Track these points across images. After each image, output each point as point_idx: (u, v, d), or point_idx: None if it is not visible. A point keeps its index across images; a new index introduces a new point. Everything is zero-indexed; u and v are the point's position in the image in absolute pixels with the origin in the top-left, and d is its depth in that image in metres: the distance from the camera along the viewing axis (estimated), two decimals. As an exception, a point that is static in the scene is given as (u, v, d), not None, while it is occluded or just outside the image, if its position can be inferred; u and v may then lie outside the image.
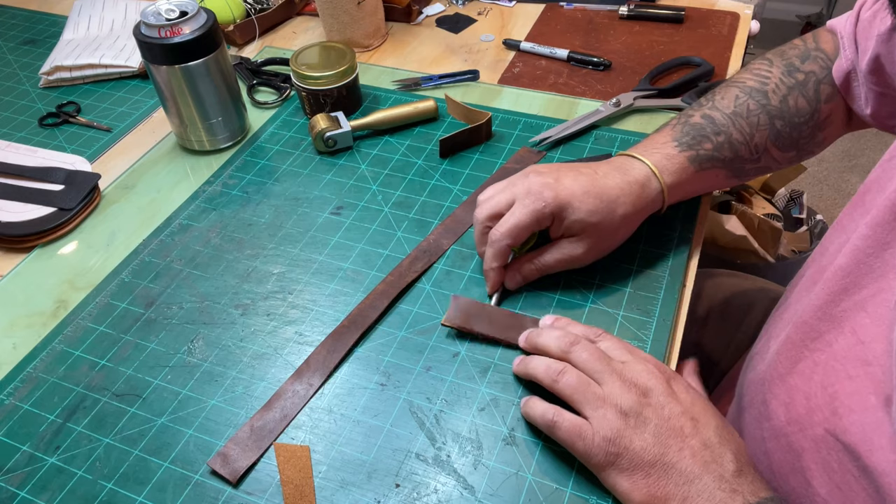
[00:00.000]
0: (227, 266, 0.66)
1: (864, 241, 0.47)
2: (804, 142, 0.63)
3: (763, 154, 0.62)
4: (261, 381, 0.56)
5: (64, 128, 0.85)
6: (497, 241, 0.57)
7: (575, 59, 0.88)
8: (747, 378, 0.58)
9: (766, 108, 0.61)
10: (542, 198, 0.56)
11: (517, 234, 0.57)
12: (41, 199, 0.72)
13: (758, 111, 0.61)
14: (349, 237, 0.68)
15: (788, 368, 0.51)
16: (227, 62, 0.76)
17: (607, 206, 0.57)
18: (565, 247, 0.59)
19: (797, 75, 0.62)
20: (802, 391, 0.49)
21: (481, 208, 0.59)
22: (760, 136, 0.61)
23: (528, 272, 0.60)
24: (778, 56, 0.65)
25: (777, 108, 0.61)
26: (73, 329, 0.61)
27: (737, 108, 0.62)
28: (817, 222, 1.44)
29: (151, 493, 0.50)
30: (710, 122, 0.61)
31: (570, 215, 0.56)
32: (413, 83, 0.86)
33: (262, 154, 0.79)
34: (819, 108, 0.62)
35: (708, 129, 0.61)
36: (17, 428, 0.54)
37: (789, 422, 0.50)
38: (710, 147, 0.61)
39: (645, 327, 0.57)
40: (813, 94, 0.62)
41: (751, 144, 0.61)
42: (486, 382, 0.55)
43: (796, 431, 0.49)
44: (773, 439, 0.51)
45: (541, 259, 0.59)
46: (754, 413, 0.55)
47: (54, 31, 1.03)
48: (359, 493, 0.49)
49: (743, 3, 0.97)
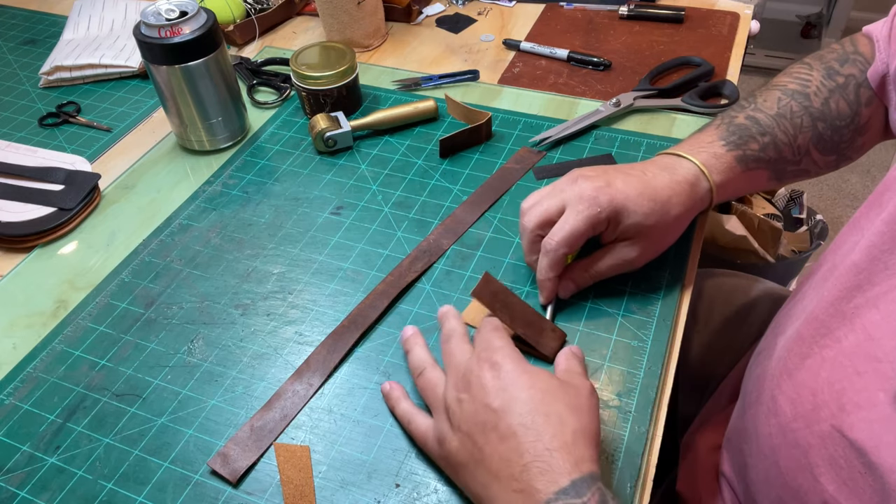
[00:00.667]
0: (227, 266, 0.66)
1: (880, 237, 0.47)
2: (844, 146, 0.62)
3: (804, 156, 0.62)
4: (261, 381, 0.56)
5: (64, 128, 0.85)
6: (553, 250, 0.55)
7: (575, 59, 0.88)
8: (753, 374, 0.58)
9: (809, 109, 0.61)
10: (597, 202, 0.54)
11: (574, 242, 0.55)
12: (41, 199, 0.72)
13: (801, 113, 0.61)
14: (349, 237, 0.68)
15: (796, 364, 0.51)
16: (227, 62, 0.76)
17: (661, 208, 0.56)
18: (620, 251, 0.57)
19: (837, 78, 0.62)
20: (809, 387, 0.49)
21: (529, 216, 0.57)
22: (803, 137, 0.61)
23: (581, 280, 0.58)
24: (817, 60, 0.64)
25: (819, 110, 0.61)
26: (73, 329, 0.61)
27: (780, 110, 0.61)
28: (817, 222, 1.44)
29: (151, 493, 0.50)
30: (755, 122, 0.61)
31: (626, 219, 0.55)
32: (413, 83, 0.86)
33: (262, 154, 0.79)
34: (859, 112, 0.61)
35: (753, 129, 0.61)
36: (17, 428, 0.54)
37: (795, 418, 0.49)
38: (756, 147, 0.60)
39: (645, 327, 0.57)
40: (853, 98, 0.61)
41: (794, 146, 0.61)
42: (486, 382, 0.55)
43: (803, 427, 0.48)
44: (780, 435, 0.51)
45: (595, 266, 0.58)
46: (761, 409, 0.54)
47: (54, 31, 1.03)
48: (359, 493, 0.49)
49: (743, 3, 0.97)
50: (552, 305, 0.58)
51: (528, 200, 0.58)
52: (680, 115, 0.78)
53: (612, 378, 0.54)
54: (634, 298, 0.60)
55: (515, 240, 0.66)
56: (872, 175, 2.08)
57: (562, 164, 0.73)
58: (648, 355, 0.55)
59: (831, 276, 0.51)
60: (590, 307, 0.59)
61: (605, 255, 0.58)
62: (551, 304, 0.58)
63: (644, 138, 0.75)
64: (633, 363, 0.55)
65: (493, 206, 0.69)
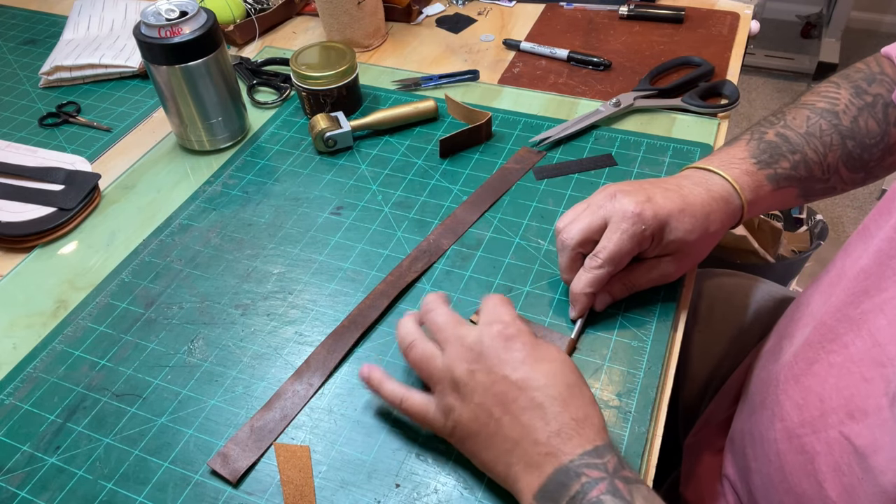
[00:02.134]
0: (227, 266, 0.66)
1: (888, 243, 0.46)
2: (873, 164, 0.62)
3: (833, 174, 0.61)
4: (261, 381, 0.56)
5: (64, 128, 0.85)
6: (597, 268, 0.55)
7: (575, 59, 0.88)
8: (758, 378, 0.58)
9: (838, 127, 0.61)
10: (642, 220, 0.54)
11: (620, 261, 0.55)
12: (41, 199, 0.72)
13: (830, 131, 0.60)
14: (349, 237, 0.68)
15: (803, 370, 0.51)
16: (227, 62, 0.76)
17: (702, 224, 0.55)
18: (659, 267, 0.57)
19: (865, 97, 0.61)
20: (817, 393, 0.48)
21: (569, 233, 0.56)
22: (833, 156, 0.60)
23: (618, 293, 0.58)
24: (843, 79, 0.64)
25: (848, 128, 0.61)
26: (73, 329, 0.61)
27: (809, 128, 0.61)
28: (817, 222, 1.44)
29: (151, 493, 0.50)
30: (786, 140, 0.61)
31: (669, 235, 0.55)
32: (413, 83, 0.86)
33: (262, 154, 0.79)
34: (889, 131, 0.61)
35: (784, 147, 0.60)
36: (17, 428, 0.54)
37: (802, 423, 0.49)
38: (787, 165, 0.60)
39: (645, 327, 0.57)
40: (882, 116, 0.61)
41: (823, 164, 0.60)
42: (486, 382, 0.55)
43: (809, 433, 0.48)
44: (786, 440, 0.50)
45: (632, 280, 0.58)
46: (766, 414, 0.54)
47: (54, 31, 1.03)
48: (359, 493, 0.49)
49: (743, 3, 0.97)
50: (582, 320, 0.58)
51: (565, 218, 0.57)
52: (680, 115, 0.78)
53: (612, 378, 0.54)
54: (634, 298, 0.60)
55: (515, 240, 0.66)
56: (872, 175, 2.08)
57: (562, 164, 0.73)
58: (648, 355, 0.55)
59: (839, 281, 0.51)
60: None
61: (643, 268, 0.57)
62: (581, 319, 0.58)
63: (644, 138, 0.75)
64: (633, 363, 0.55)
65: (493, 206, 0.69)
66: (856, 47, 2.51)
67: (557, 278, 0.61)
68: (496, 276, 0.62)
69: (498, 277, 0.62)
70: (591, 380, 0.54)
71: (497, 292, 0.61)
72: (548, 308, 0.60)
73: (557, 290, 0.61)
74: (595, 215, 0.55)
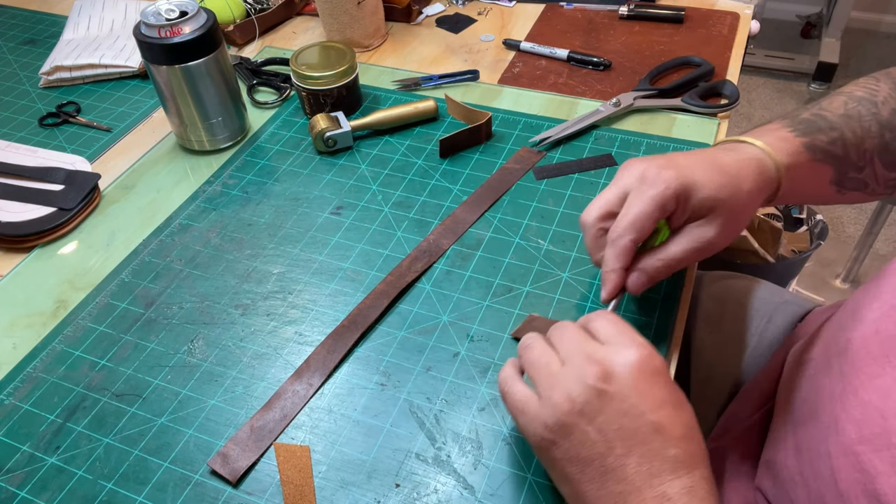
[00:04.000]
0: (227, 266, 0.66)
1: None
2: None
3: (868, 164, 0.59)
4: (261, 381, 0.56)
5: (64, 128, 0.85)
6: (619, 237, 0.50)
7: (575, 59, 0.88)
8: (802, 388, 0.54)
9: (877, 116, 0.58)
10: (661, 179, 0.49)
11: (642, 227, 0.50)
12: (41, 199, 0.72)
13: (869, 118, 0.58)
14: (349, 237, 0.68)
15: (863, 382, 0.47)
16: (227, 62, 0.76)
17: (733, 181, 0.51)
18: (694, 231, 0.51)
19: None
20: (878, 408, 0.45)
21: (588, 211, 0.52)
22: (870, 143, 0.58)
23: (654, 270, 0.52)
24: (884, 75, 0.62)
25: (887, 119, 0.58)
26: (73, 329, 0.61)
27: (847, 112, 0.58)
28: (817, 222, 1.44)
29: (151, 493, 0.50)
30: (822, 119, 0.58)
31: (697, 193, 0.50)
32: (413, 83, 0.86)
33: (262, 154, 0.79)
34: None
35: (822, 123, 0.57)
36: (17, 428, 0.54)
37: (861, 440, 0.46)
38: (825, 139, 0.56)
39: (645, 327, 0.57)
40: None
41: (861, 149, 0.58)
42: (486, 382, 0.55)
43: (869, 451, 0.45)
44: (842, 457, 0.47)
45: (667, 252, 0.52)
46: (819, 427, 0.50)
47: (54, 31, 1.03)
48: (359, 493, 0.49)
49: (743, 3, 0.97)
50: (616, 300, 0.53)
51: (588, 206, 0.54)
52: (680, 115, 0.78)
53: (612, 378, 0.54)
54: (634, 298, 0.60)
55: (515, 240, 0.66)
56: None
57: (562, 164, 0.73)
58: (648, 355, 0.55)
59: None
60: (590, 307, 0.59)
61: (677, 237, 0.52)
62: (615, 300, 0.53)
63: (644, 138, 0.75)
64: (633, 363, 0.55)
65: (493, 206, 0.69)
66: (856, 47, 2.51)
67: (558, 278, 0.62)
68: (496, 276, 0.62)
69: (498, 277, 0.62)
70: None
71: (498, 293, 0.61)
72: (548, 308, 0.60)
73: (558, 291, 0.61)
74: (613, 188, 0.52)
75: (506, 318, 0.59)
